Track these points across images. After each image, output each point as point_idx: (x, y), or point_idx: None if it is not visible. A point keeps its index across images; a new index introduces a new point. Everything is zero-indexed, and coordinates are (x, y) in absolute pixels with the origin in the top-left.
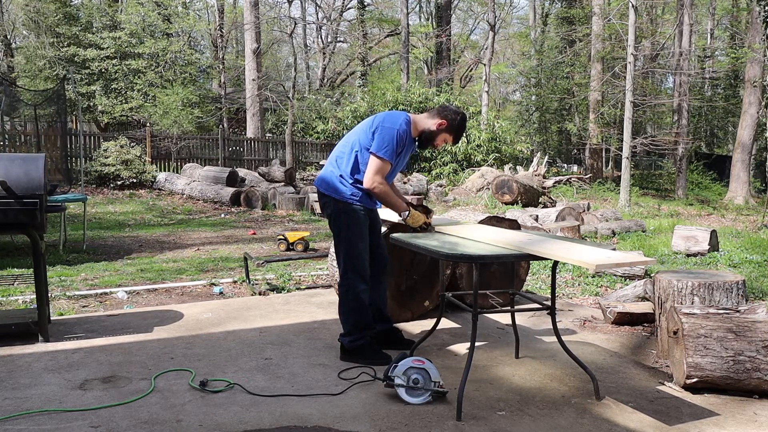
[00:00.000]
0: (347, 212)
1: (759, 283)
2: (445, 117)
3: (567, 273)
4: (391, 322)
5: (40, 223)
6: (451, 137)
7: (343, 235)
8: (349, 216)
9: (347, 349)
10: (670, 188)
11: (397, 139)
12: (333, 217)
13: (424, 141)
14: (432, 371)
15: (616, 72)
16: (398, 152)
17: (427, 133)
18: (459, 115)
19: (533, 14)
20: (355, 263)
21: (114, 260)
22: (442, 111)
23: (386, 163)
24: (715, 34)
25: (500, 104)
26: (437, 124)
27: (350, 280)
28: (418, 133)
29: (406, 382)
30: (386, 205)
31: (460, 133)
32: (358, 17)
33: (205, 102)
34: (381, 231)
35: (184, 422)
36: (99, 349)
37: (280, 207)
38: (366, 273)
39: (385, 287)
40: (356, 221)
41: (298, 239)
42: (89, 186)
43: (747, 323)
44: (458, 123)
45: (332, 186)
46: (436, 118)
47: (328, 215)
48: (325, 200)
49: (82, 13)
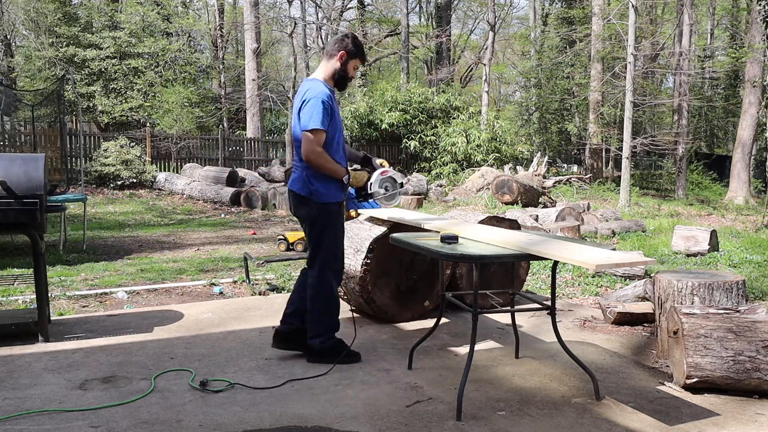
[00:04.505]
0: (325, 214)
1: (759, 283)
2: (341, 48)
3: (567, 273)
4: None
5: (40, 223)
6: (357, 60)
7: (324, 235)
8: (328, 218)
9: (316, 351)
10: (670, 188)
11: (324, 105)
12: (310, 220)
13: (340, 80)
14: (396, 175)
15: (616, 72)
16: (330, 114)
17: (337, 72)
18: (348, 37)
19: (533, 14)
20: (334, 264)
21: (114, 260)
22: (333, 45)
23: (318, 132)
24: (715, 34)
25: (500, 104)
26: (339, 58)
27: (327, 280)
28: (332, 79)
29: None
30: (326, 172)
31: (362, 51)
32: (358, 17)
33: (205, 102)
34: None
35: (184, 422)
36: (99, 349)
37: (280, 207)
38: (341, 271)
39: None
40: (336, 219)
41: (298, 239)
42: (89, 186)
43: (747, 323)
44: (353, 43)
45: (309, 186)
46: (335, 55)
47: (301, 215)
48: (298, 201)
49: (82, 13)
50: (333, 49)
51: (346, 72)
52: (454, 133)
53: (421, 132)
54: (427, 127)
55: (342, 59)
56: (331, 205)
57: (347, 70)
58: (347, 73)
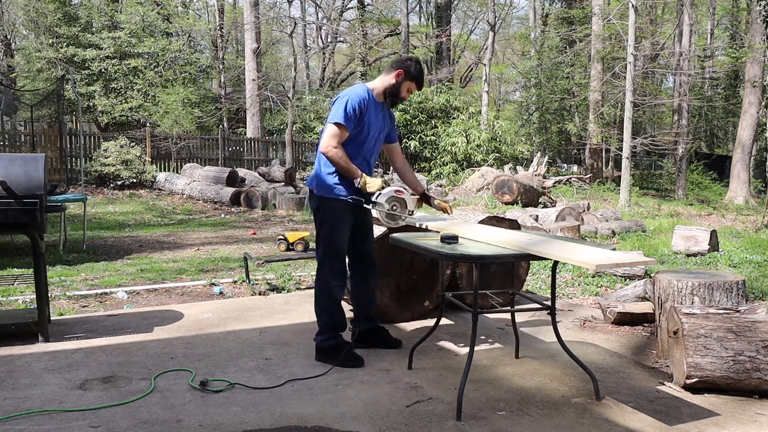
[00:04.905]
0: (327, 207)
1: (759, 283)
2: (401, 67)
3: (567, 273)
4: (375, 321)
5: (40, 223)
6: (413, 84)
7: (321, 230)
8: (328, 210)
9: (318, 349)
10: (670, 188)
11: (349, 105)
12: (315, 211)
13: (391, 97)
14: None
15: (616, 72)
16: (358, 117)
17: (390, 88)
18: (412, 60)
19: (533, 14)
20: (330, 259)
21: (114, 260)
22: (396, 63)
23: (340, 127)
24: (715, 34)
25: (500, 104)
26: (395, 75)
27: (325, 277)
28: (383, 93)
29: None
30: (341, 170)
31: (420, 78)
32: (358, 17)
33: (205, 102)
34: (371, 230)
35: (184, 422)
36: (99, 349)
37: (280, 207)
38: (342, 270)
39: (372, 287)
40: (336, 216)
41: (298, 239)
42: (89, 186)
43: (747, 323)
44: (415, 68)
45: (316, 180)
46: (392, 71)
47: (313, 210)
48: (311, 194)
49: (82, 13)
50: (394, 66)
51: (398, 90)
52: (454, 133)
53: (421, 132)
54: (427, 127)
55: (398, 77)
56: (331, 200)
57: (400, 89)
58: (399, 91)
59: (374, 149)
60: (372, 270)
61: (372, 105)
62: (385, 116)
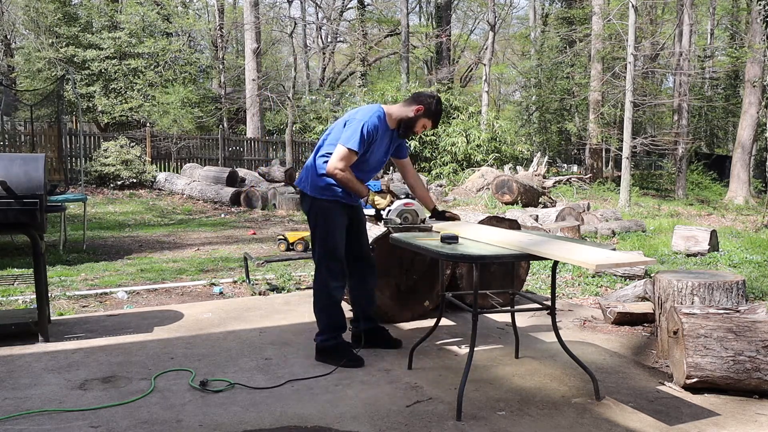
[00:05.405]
0: (322, 208)
1: (759, 283)
2: (422, 102)
3: (567, 273)
4: (375, 322)
5: (40, 223)
6: (430, 122)
7: (317, 231)
8: (322, 211)
9: (318, 349)
10: (670, 188)
11: (365, 131)
12: (309, 213)
13: (404, 129)
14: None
15: (616, 72)
16: (369, 142)
17: (405, 120)
18: (434, 98)
19: (533, 14)
20: (328, 260)
21: (114, 260)
22: (418, 97)
23: (351, 152)
24: (715, 34)
25: (500, 104)
26: (414, 110)
27: (323, 277)
28: (396, 122)
29: None
30: (348, 190)
31: (438, 117)
32: (358, 17)
33: (205, 102)
34: (365, 229)
35: (184, 422)
36: (99, 349)
37: (280, 207)
38: (340, 270)
39: (371, 286)
40: (331, 217)
41: (298, 239)
42: (89, 186)
43: (747, 323)
44: (435, 107)
45: (309, 181)
46: (413, 104)
47: (306, 211)
48: (303, 196)
49: (82, 13)
50: (417, 99)
51: (413, 124)
52: (454, 133)
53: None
54: None
55: (417, 113)
56: (323, 201)
57: (415, 124)
58: (414, 126)
59: (374, 170)
60: (370, 270)
61: (382, 130)
62: (392, 140)
